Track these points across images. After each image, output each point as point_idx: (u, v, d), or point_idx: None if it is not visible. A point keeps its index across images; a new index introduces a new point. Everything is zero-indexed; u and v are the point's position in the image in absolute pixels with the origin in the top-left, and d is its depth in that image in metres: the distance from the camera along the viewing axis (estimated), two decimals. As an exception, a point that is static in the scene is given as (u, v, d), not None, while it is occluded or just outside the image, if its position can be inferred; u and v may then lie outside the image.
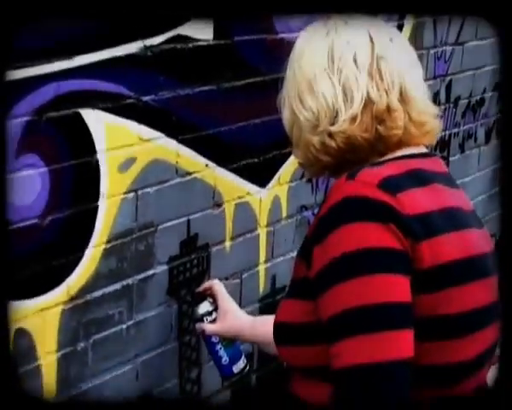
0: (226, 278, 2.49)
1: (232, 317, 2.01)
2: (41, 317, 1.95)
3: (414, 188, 1.19)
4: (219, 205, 2.40)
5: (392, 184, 1.17)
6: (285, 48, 2.38)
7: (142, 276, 2.23)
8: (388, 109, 1.22)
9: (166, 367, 2.39)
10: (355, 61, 1.23)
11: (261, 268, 2.62)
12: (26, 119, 1.80)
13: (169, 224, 2.27)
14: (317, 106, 1.25)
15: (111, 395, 2.20)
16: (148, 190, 2.17)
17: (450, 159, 3.54)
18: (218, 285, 2.09)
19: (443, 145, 3.47)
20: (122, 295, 2.18)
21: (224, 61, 2.28)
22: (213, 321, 1.95)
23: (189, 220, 2.33)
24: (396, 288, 1.11)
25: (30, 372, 1.96)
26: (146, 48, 2.04)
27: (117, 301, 2.17)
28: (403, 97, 1.24)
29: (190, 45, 2.16)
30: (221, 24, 2.21)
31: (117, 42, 1.97)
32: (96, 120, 1.98)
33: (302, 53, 1.30)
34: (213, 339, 1.89)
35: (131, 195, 2.13)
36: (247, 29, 2.30)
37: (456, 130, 3.54)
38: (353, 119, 1.22)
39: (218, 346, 1.98)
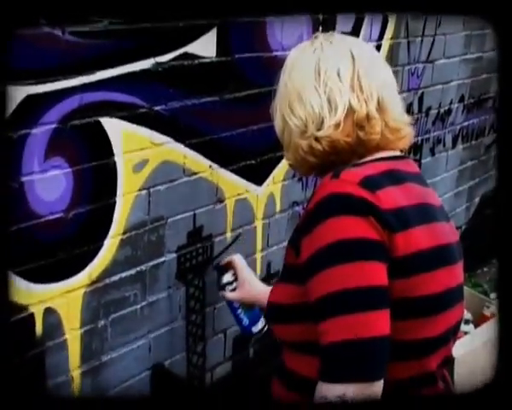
0: (227, 265, 2.51)
1: (249, 285, 2.03)
2: (66, 298, 1.97)
3: (390, 186, 1.18)
4: (221, 201, 2.41)
5: (372, 183, 1.16)
6: (278, 64, 2.41)
7: (153, 263, 2.23)
8: (367, 117, 1.22)
9: (175, 342, 2.39)
10: (338, 75, 1.22)
11: (258, 256, 2.61)
12: (53, 126, 1.81)
13: (177, 217, 2.28)
14: (305, 114, 1.24)
15: (127, 365, 2.21)
16: (159, 187, 2.18)
17: (422, 161, 3.54)
18: (238, 259, 2.11)
19: (416, 149, 3.48)
20: (136, 280, 2.18)
21: (226, 76, 2.27)
22: (234, 290, 2.02)
23: (194, 214, 2.33)
24: (374, 273, 1.11)
25: (58, 345, 1.97)
26: (157, 64, 2.04)
27: (132, 285, 2.17)
28: (380, 107, 1.24)
29: (196, 62, 2.16)
30: (223, 43, 2.22)
31: (132, 59, 1.97)
32: (114, 127, 1.98)
33: (292, 68, 1.29)
34: (235, 304, 1.95)
35: (144, 192, 2.13)
36: (246, 48, 2.30)
37: (427, 136, 3.54)
38: (337, 125, 1.21)
39: (239, 310, 2.05)
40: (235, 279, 2.00)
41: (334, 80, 1.22)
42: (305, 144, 1.25)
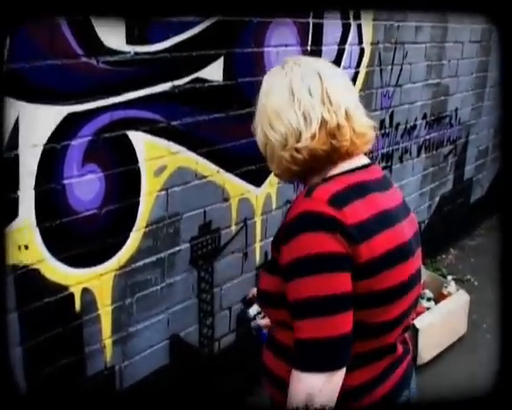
0: (232, 252, 2.51)
1: None
2: (100, 280, 1.97)
3: (356, 200, 1.14)
4: (227, 200, 2.40)
5: (339, 200, 1.12)
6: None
7: (171, 251, 2.23)
8: (338, 126, 1.18)
9: (189, 316, 2.40)
10: (310, 92, 1.17)
11: (257, 245, 2.62)
12: (89, 138, 1.82)
13: (190, 213, 2.27)
14: (284, 130, 1.19)
15: (149, 336, 2.22)
16: (175, 189, 2.18)
17: (393, 167, 3.54)
18: None
19: (387, 158, 3.48)
20: (157, 265, 2.19)
21: (231, 97, 2.27)
22: (263, 318, 1.72)
23: (205, 211, 2.33)
24: (339, 283, 1.09)
25: (93, 319, 1.98)
26: (174, 87, 2.05)
27: (153, 269, 2.18)
28: (347, 116, 1.19)
29: (206, 85, 2.16)
30: (228, 70, 2.22)
31: (153, 83, 1.98)
32: (138, 139, 1.98)
33: (268, 90, 1.23)
34: (264, 331, 1.66)
35: (163, 192, 2.13)
36: (247, 73, 2.30)
37: (396, 147, 3.54)
38: (313, 136, 1.17)
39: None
40: (260, 312, 1.70)
41: (306, 98, 1.18)
42: (287, 155, 1.20)
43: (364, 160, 1.26)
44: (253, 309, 1.67)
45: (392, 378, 1.26)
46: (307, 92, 1.18)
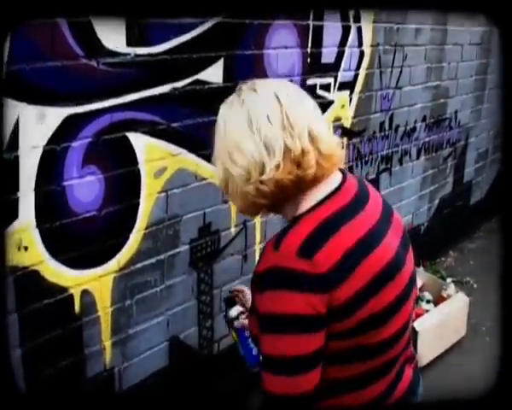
0: (232, 254, 2.51)
1: None
2: (99, 281, 1.97)
3: (328, 240, 1.07)
4: (227, 202, 2.40)
5: (310, 246, 1.05)
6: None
7: (170, 253, 2.23)
8: (303, 152, 1.09)
9: (189, 318, 2.40)
10: (269, 120, 1.09)
11: (257, 248, 2.62)
12: (89, 140, 1.82)
13: (190, 215, 2.28)
14: (246, 163, 1.09)
15: (149, 337, 2.22)
16: (175, 190, 2.18)
17: (393, 169, 3.55)
18: (245, 290, 1.69)
19: (387, 160, 3.49)
20: (156, 267, 2.19)
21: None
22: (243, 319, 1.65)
23: (204, 213, 2.33)
24: (304, 343, 1.05)
25: (92, 321, 1.98)
26: (174, 89, 2.05)
27: (153, 271, 2.18)
28: (312, 137, 1.10)
29: (206, 87, 2.17)
30: (228, 71, 2.22)
31: (153, 85, 1.98)
32: (138, 141, 1.98)
33: (226, 123, 1.14)
34: (245, 334, 1.60)
35: (163, 194, 2.14)
36: (247, 75, 2.30)
37: (396, 149, 3.55)
38: (277, 166, 1.08)
39: (249, 340, 1.67)
40: (243, 311, 1.62)
41: (266, 126, 1.08)
42: (252, 189, 1.11)
43: (336, 180, 1.17)
44: (235, 310, 1.58)
45: (400, 388, 1.23)
46: (266, 120, 1.09)
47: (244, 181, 1.11)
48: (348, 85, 2.95)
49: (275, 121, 1.09)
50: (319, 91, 2.74)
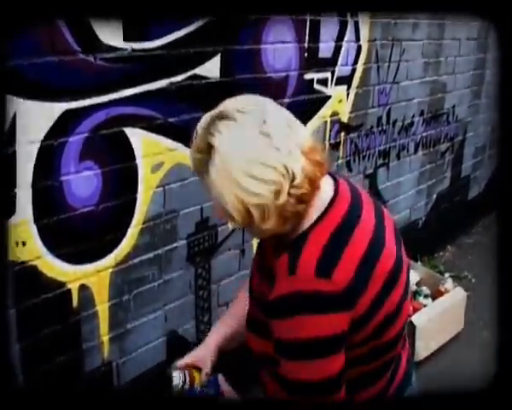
0: (229, 249, 2.51)
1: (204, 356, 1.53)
2: (97, 276, 1.98)
3: (343, 251, 1.04)
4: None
5: (327, 263, 1.02)
6: (271, 83, 2.43)
7: (168, 248, 2.24)
8: (313, 147, 1.06)
9: (186, 313, 2.40)
10: (280, 126, 1.03)
11: (254, 242, 2.61)
12: (86, 135, 1.82)
13: (187, 210, 2.28)
14: (273, 174, 1.00)
15: (147, 332, 2.22)
16: (173, 185, 2.18)
17: (390, 164, 3.56)
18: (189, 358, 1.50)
19: (385, 155, 3.49)
20: (154, 262, 2.19)
21: (228, 93, 2.24)
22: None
23: (202, 208, 2.33)
24: (330, 365, 1.04)
25: (90, 315, 1.99)
26: (171, 84, 2.05)
27: (150, 266, 2.18)
28: (304, 152, 1.04)
29: (203, 82, 2.17)
30: (226, 66, 2.22)
31: (150, 79, 1.98)
32: (135, 136, 1.98)
33: (230, 146, 1.02)
34: (195, 390, 1.45)
35: (160, 189, 2.14)
36: (244, 70, 2.31)
37: (393, 144, 3.56)
38: (303, 166, 1.03)
39: (202, 389, 1.48)
40: (185, 379, 1.43)
41: (280, 131, 1.02)
42: (286, 198, 1.02)
43: (328, 184, 1.14)
44: (179, 376, 1.42)
45: (397, 377, 1.25)
46: (279, 127, 1.03)
47: (274, 196, 1.01)
48: (345, 80, 2.96)
49: (281, 124, 1.04)
50: (316, 86, 2.74)
